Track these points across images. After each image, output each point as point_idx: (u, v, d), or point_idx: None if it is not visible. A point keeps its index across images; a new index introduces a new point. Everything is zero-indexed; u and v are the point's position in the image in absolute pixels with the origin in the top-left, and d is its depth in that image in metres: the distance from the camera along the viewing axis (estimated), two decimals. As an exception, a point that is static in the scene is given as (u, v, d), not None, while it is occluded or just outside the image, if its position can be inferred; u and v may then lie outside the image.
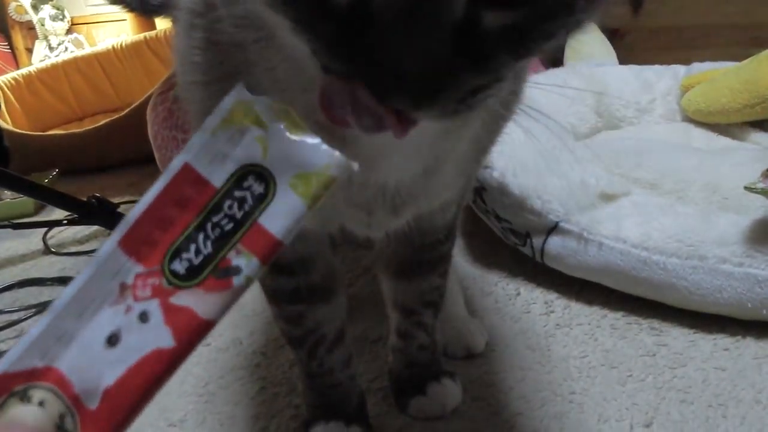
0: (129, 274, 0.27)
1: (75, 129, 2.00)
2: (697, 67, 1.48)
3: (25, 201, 1.58)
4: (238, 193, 0.29)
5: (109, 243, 0.28)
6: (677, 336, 0.87)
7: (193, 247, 0.28)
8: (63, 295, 0.27)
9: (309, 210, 0.29)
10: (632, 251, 0.90)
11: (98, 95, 2.31)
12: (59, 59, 2.33)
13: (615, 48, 1.68)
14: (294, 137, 0.30)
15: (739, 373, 0.79)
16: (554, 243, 0.97)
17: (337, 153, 0.30)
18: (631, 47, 1.85)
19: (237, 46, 0.40)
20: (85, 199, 1.35)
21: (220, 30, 0.41)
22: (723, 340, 0.85)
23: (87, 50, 2.50)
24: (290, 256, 0.62)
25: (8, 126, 1.96)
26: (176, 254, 0.28)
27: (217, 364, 0.89)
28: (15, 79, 2.19)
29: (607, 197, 0.96)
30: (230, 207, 0.29)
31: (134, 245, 0.28)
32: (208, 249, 0.28)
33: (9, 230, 1.40)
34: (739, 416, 0.72)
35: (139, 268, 0.28)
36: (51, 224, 1.42)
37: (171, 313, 0.28)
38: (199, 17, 0.44)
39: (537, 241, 0.99)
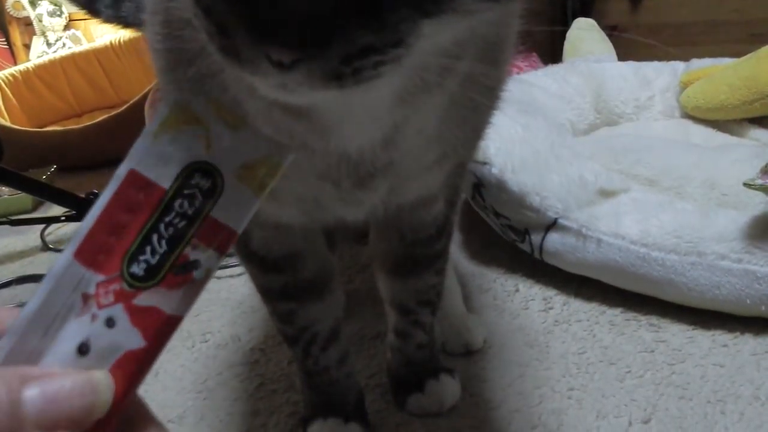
0: (90, 285, 0.28)
1: (73, 125, 2.00)
2: (696, 63, 1.48)
3: (23, 197, 1.58)
4: (187, 191, 0.29)
5: (64, 257, 0.28)
6: (676, 332, 0.87)
7: (148, 248, 0.29)
8: (21, 316, 0.27)
9: (258, 198, 0.30)
10: (631, 248, 0.89)
11: (96, 91, 2.31)
12: (57, 55, 2.32)
13: (614, 44, 1.68)
14: (235, 132, 0.30)
15: (737, 369, 0.79)
16: (553, 239, 0.97)
17: (277, 142, 0.31)
18: (629, 44, 1.85)
19: (189, 27, 0.37)
20: (83, 195, 1.35)
21: (174, 11, 0.40)
22: (722, 337, 0.85)
23: (85, 46, 2.49)
24: (276, 252, 0.61)
25: (6, 122, 1.95)
26: (133, 258, 0.29)
27: (215, 361, 0.89)
28: (13, 75, 2.19)
29: (606, 194, 0.96)
30: (181, 205, 0.29)
31: (90, 256, 0.28)
32: (163, 248, 0.29)
33: (7, 227, 1.40)
34: (737, 412, 0.72)
35: (100, 277, 0.28)
36: (49, 221, 1.42)
37: (136, 314, 0.28)
38: (158, 1, 0.44)
39: (536, 238, 0.99)
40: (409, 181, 0.54)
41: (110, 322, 0.28)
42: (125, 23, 1.00)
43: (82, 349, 0.28)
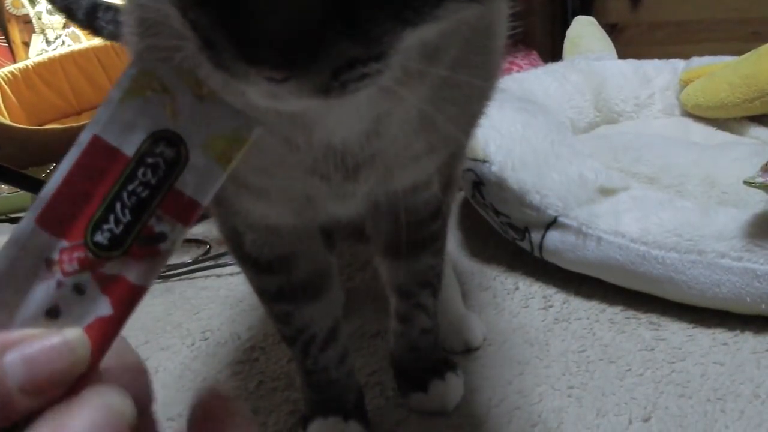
0: (53, 251, 0.27)
1: (72, 123, 1.99)
2: (696, 61, 1.48)
3: (23, 195, 1.58)
4: (150, 160, 0.29)
5: (25, 222, 0.27)
6: (676, 330, 0.87)
7: (112, 217, 0.28)
8: None
9: (224, 171, 0.30)
10: (631, 246, 0.89)
11: (96, 89, 2.30)
12: (56, 53, 2.32)
13: (614, 42, 1.68)
14: (202, 102, 0.30)
15: (737, 367, 0.79)
16: (553, 237, 0.97)
17: (246, 114, 0.30)
18: (630, 42, 1.85)
19: (163, 24, 0.37)
20: (82, 193, 1.35)
21: (148, 10, 0.40)
22: (722, 335, 0.85)
23: (84, 44, 2.48)
24: (269, 254, 0.60)
25: (5, 120, 1.95)
26: (97, 226, 0.28)
27: (215, 359, 0.89)
28: (12, 73, 2.19)
29: (606, 192, 0.96)
30: (144, 174, 0.29)
31: (52, 222, 0.28)
32: (127, 217, 0.29)
33: (7, 225, 1.40)
34: (737, 410, 0.72)
35: (63, 243, 0.28)
36: (48, 219, 1.42)
37: (105, 282, 0.28)
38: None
39: (535, 236, 0.99)
40: (398, 170, 0.53)
41: (79, 289, 0.28)
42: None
43: (52, 314, 0.28)
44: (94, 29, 1.03)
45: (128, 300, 0.29)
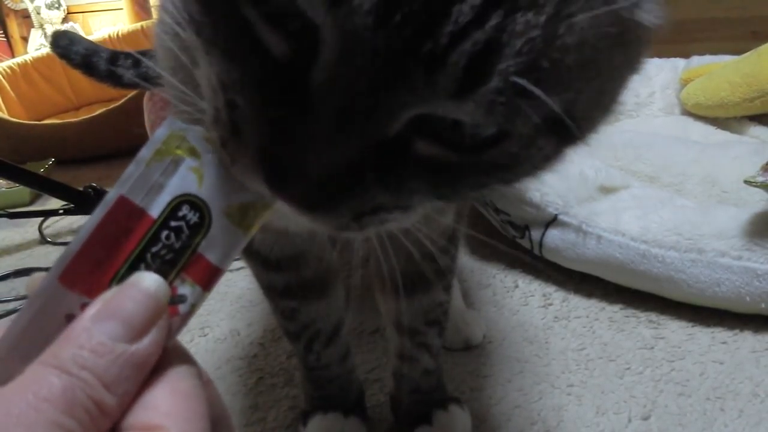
0: (75, 307, 0.27)
1: (71, 118, 1.99)
2: (696, 60, 1.48)
3: (21, 190, 1.58)
4: (174, 223, 0.29)
5: (48, 280, 0.27)
6: (675, 329, 0.87)
7: None
8: (4, 337, 0.27)
9: (246, 237, 0.30)
10: (631, 244, 0.89)
11: (94, 85, 2.25)
12: (55, 48, 2.31)
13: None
14: (228, 169, 0.30)
15: (736, 366, 0.79)
16: (553, 235, 0.97)
17: (263, 187, 0.30)
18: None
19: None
20: (81, 188, 1.35)
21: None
22: (721, 334, 0.85)
23: (83, 39, 2.48)
24: (278, 253, 0.60)
25: (4, 115, 1.95)
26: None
27: (214, 355, 0.89)
28: (11, 68, 2.18)
29: (606, 190, 0.96)
30: (167, 237, 0.29)
31: (75, 279, 0.27)
32: None
33: (5, 219, 1.39)
34: (736, 409, 0.72)
35: (85, 300, 0.27)
36: (47, 214, 1.41)
37: None
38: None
39: (536, 234, 0.99)
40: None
41: None
42: (148, 80, 1.01)
43: None
44: (115, 78, 1.04)
45: None
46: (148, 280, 0.27)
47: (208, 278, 0.29)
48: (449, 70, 0.24)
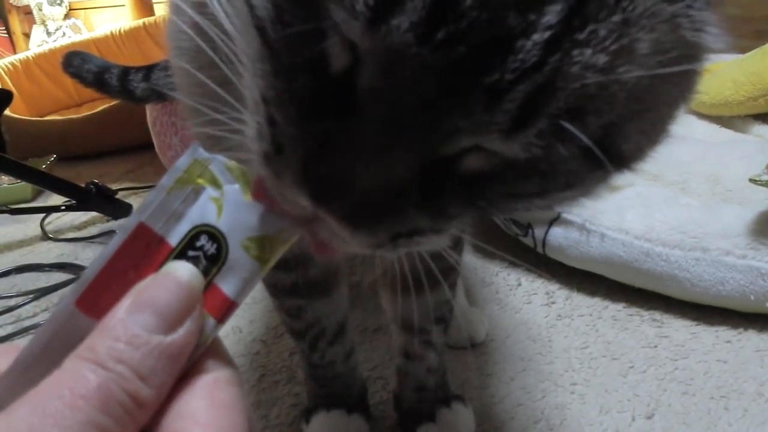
0: (89, 330, 0.27)
1: (73, 115, 1.99)
2: (700, 59, 1.47)
3: (23, 186, 1.57)
4: (191, 253, 0.29)
5: (65, 304, 0.27)
6: (679, 328, 0.87)
7: None
8: (20, 359, 0.27)
9: (262, 271, 0.30)
10: (635, 242, 0.89)
11: (96, 81, 2.29)
12: (57, 44, 2.31)
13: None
14: (248, 200, 0.30)
15: (740, 365, 0.79)
16: (556, 234, 0.97)
17: (288, 219, 0.30)
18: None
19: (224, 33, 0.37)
20: (83, 185, 1.34)
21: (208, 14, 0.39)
22: (725, 333, 0.85)
23: (85, 35, 2.48)
24: (286, 252, 0.60)
25: (6, 111, 1.94)
26: None
27: (216, 352, 0.88)
28: (12, 64, 2.18)
29: (610, 188, 0.96)
30: None
31: (91, 304, 0.27)
32: None
33: (6, 216, 1.39)
34: (740, 408, 0.72)
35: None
36: (49, 210, 1.41)
37: None
38: None
39: (539, 232, 0.99)
40: None
41: None
42: (159, 93, 1.00)
43: None
44: (128, 92, 1.04)
45: None
46: (181, 270, 0.27)
47: (223, 311, 0.29)
48: (507, 107, 0.24)
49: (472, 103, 0.24)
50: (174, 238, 0.28)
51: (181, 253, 0.28)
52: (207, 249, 0.29)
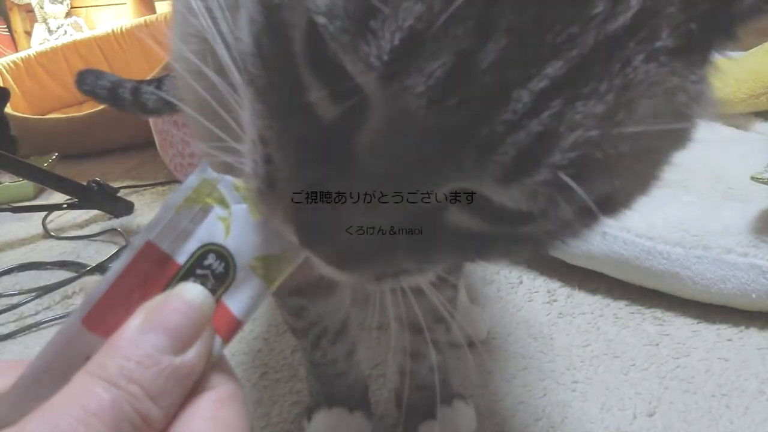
0: (96, 349, 0.27)
1: (75, 113, 1.99)
2: (701, 56, 1.47)
3: (25, 184, 1.57)
4: (200, 272, 0.29)
5: (72, 321, 0.27)
6: (680, 326, 0.86)
7: None
8: (26, 375, 0.27)
9: (268, 290, 0.30)
10: (636, 240, 0.89)
11: (98, 79, 2.29)
12: (58, 43, 2.31)
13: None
14: (256, 219, 0.30)
15: (742, 363, 0.78)
16: (558, 231, 0.96)
17: (295, 239, 0.30)
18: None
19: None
20: (85, 183, 1.35)
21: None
22: (726, 331, 0.85)
23: (86, 34, 2.48)
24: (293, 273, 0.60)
25: (8, 109, 1.94)
26: None
27: (218, 350, 0.88)
28: (14, 62, 2.18)
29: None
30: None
31: (98, 322, 0.27)
32: None
33: (8, 214, 1.39)
34: (742, 406, 0.72)
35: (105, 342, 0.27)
36: (51, 208, 1.42)
37: None
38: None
39: (540, 230, 0.99)
40: None
41: None
42: (171, 104, 1.01)
43: None
44: (140, 105, 1.04)
45: None
46: (192, 292, 0.27)
47: (229, 329, 0.29)
48: (499, 158, 0.24)
49: (463, 156, 0.24)
50: (182, 257, 0.29)
51: (189, 272, 0.28)
52: (215, 268, 0.29)
